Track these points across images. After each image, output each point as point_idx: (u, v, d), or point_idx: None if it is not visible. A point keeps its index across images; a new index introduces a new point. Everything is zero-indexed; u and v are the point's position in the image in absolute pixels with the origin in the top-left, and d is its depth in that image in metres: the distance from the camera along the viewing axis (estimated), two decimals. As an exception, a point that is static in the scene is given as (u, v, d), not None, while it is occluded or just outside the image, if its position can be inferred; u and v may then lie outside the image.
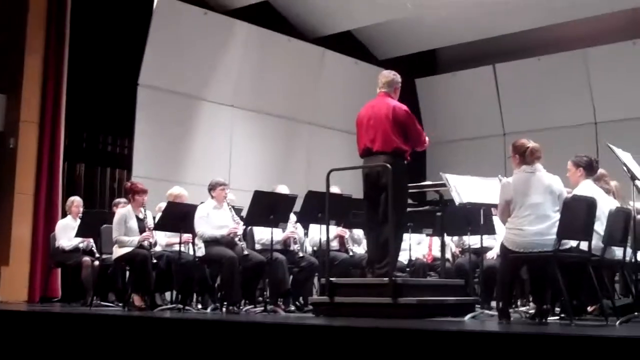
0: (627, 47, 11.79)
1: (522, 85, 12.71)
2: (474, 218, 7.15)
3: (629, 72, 11.72)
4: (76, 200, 9.20)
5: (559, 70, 12.33)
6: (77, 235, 8.71)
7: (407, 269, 8.06)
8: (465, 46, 13.10)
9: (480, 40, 12.74)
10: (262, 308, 7.30)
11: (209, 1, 11.18)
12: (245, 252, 7.49)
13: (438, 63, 14.32)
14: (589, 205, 5.87)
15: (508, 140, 6.42)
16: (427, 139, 6.71)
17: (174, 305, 7.76)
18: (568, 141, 10.88)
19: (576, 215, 5.77)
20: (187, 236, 7.83)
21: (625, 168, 6.22)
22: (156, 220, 7.97)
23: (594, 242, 6.05)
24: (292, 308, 7.74)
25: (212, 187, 7.87)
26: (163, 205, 8.10)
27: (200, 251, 7.67)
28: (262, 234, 7.96)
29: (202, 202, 7.88)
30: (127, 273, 8.20)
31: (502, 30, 12.34)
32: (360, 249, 8.37)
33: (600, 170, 7.16)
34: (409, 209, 7.04)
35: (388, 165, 6.25)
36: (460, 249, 8.45)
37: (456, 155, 12.84)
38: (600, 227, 6.17)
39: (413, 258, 8.36)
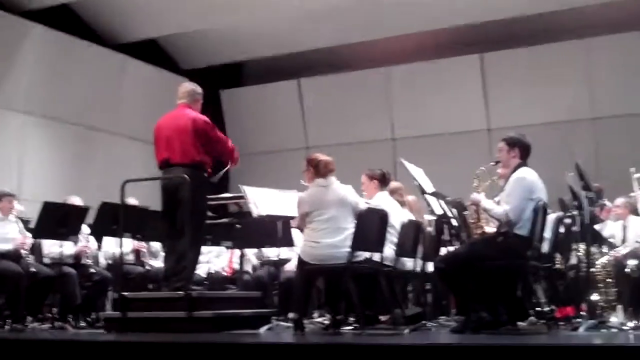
0: (426, 67, 12.35)
1: (325, 100, 12.98)
2: (273, 230, 7.15)
3: (427, 90, 12.27)
4: None
5: (361, 87, 12.71)
6: None
7: (206, 282, 7.95)
8: (271, 60, 13.21)
9: (286, 55, 12.89)
10: (50, 325, 6.97)
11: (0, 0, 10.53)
12: (33, 269, 7.07)
13: (244, 75, 14.34)
14: (381, 217, 6.02)
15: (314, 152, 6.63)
16: (236, 153, 6.62)
17: (-49, 325, 7.18)
18: (368, 156, 11.19)
19: (369, 227, 5.90)
20: (-33, 250, 7.28)
21: (416, 183, 6.44)
22: None
23: (388, 253, 6.23)
24: (83, 324, 7.40)
25: (-3, 198, 7.38)
26: (-59, 216, 7.49)
27: (-17, 266, 7.14)
28: (52, 247, 7.56)
29: (-16, 214, 7.36)
30: None
31: (307, 46, 12.53)
32: (157, 262, 8.16)
33: (396, 184, 7.43)
34: (208, 222, 6.94)
35: (186, 177, 6.12)
36: (260, 261, 8.45)
37: (260, 168, 12.82)
38: (393, 238, 6.36)
39: (212, 271, 8.26)
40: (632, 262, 5.55)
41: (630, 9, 10.92)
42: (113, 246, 7.60)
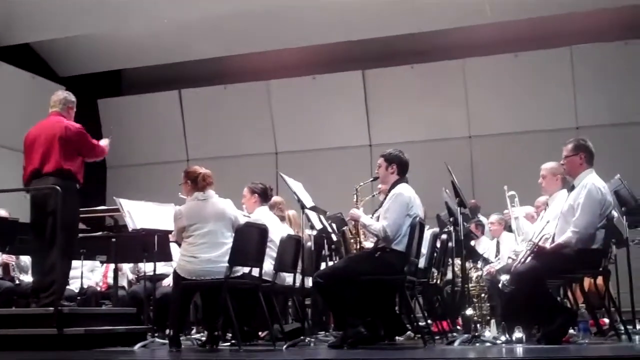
0: (306, 82, 12.39)
1: (207, 112, 12.81)
2: (150, 244, 6.96)
3: (309, 104, 12.30)
4: None
5: (243, 100, 12.62)
6: None
7: (78, 298, 7.66)
8: (151, 69, 12.93)
9: (167, 65, 12.64)
10: None
11: None
12: None
13: (123, 84, 13.98)
14: (261, 232, 5.96)
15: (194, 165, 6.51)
16: (105, 148, 6.55)
17: None
18: (250, 169, 11.12)
19: (248, 241, 5.83)
20: None
21: (296, 197, 6.42)
22: None
23: (267, 268, 6.17)
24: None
25: None
26: None
27: None
28: None
29: None
30: None
31: (188, 56, 12.34)
32: (27, 277, 7.79)
33: (276, 198, 7.40)
34: (82, 235, 6.72)
35: (58, 188, 5.92)
36: (135, 276, 8.22)
37: (139, 180, 12.56)
38: (273, 253, 6.31)
39: (85, 286, 7.96)
40: (504, 277, 5.70)
41: (504, 31, 11.33)
42: (-21, 260, 7.22)
